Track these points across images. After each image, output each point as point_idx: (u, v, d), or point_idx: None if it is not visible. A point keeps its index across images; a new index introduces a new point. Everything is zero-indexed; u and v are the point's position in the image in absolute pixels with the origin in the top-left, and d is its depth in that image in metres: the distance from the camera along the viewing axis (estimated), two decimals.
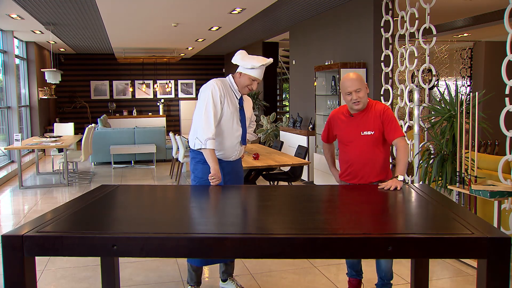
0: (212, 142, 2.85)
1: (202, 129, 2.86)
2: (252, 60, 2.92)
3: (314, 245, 1.81)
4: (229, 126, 2.97)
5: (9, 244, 1.78)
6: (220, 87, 2.92)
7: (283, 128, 8.11)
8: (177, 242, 1.84)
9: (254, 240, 1.81)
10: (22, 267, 1.78)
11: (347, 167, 2.96)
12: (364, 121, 2.87)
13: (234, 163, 3.10)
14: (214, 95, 2.88)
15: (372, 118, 2.86)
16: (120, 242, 1.82)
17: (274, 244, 1.81)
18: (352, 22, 6.15)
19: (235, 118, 2.99)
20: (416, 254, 1.89)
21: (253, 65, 2.89)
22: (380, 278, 2.96)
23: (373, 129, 2.84)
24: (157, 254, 1.91)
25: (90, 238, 1.82)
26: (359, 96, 2.80)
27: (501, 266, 1.73)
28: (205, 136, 2.84)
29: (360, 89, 2.80)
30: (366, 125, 2.86)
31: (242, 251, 1.86)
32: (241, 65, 2.94)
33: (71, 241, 1.82)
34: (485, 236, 1.74)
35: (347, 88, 2.82)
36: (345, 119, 2.96)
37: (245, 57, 2.95)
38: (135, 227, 2.00)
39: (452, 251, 1.80)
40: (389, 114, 2.86)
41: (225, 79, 3.05)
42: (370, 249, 1.82)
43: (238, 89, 3.01)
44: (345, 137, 2.95)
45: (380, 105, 2.91)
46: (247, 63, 2.91)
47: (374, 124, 2.85)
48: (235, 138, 3.02)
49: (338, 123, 3.00)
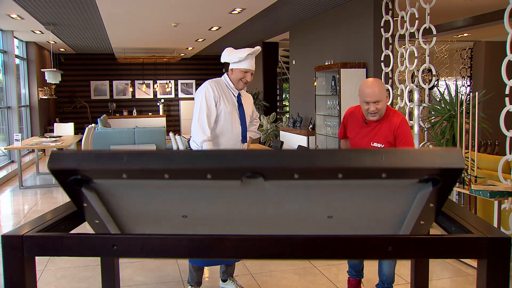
0: (209, 144, 2.87)
1: (197, 132, 2.89)
2: (238, 52, 2.94)
3: (314, 245, 1.81)
4: (228, 125, 2.98)
5: (9, 244, 1.78)
6: (214, 88, 2.94)
7: (283, 128, 8.11)
8: (177, 242, 1.84)
9: (254, 240, 1.82)
10: (22, 267, 1.78)
11: None
12: (377, 131, 2.72)
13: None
14: (208, 97, 2.90)
15: (385, 130, 2.70)
16: (120, 242, 1.82)
17: (274, 244, 1.81)
18: (352, 22, 6.15)
19: (233, 117, 2.99)
20: (416, 254, 1.89)
21: (240, 57, 2.91)
22: (381, 281, 2.96)
23: (383, 142, 2.70)
24: (157, 254, 1.91)
25: (90, 238, 1.83)
26: (377, 107, 2.63)
27: (501, 266, 1.73)
28: (200, 139, 2.86)
29: (379, 101, 2.61)
30: (378, 137, 2.72)
31: (242, 251, 1.86)
32: (229, 61, 2.97)
33: (71, 241, 1.82)
34: (485, 236, 1.74)
35: (366, 98, 2.63)
36: (358, 123, 2.83)
37: (231, 52, 2.97)
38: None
39: (452, 251, 1.80)
40: (404, 130, 2.68)
41: (220, 79, 3.06)
42: (370, 249, 1.82)
43: (234, 86, 3.02)
44: (355, 143, 2.86)
45: (398, 118, 2.71)
46: (233, 57, 2.93)
47: (386, 137, 2.70)
48: (235, 136, 3.03)
49: (353, 124, 2.88)
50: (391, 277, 2.90)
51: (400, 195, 1.45)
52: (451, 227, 1.98)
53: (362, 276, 3.12)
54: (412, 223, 1.63)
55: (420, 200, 1.48)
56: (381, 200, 1.49)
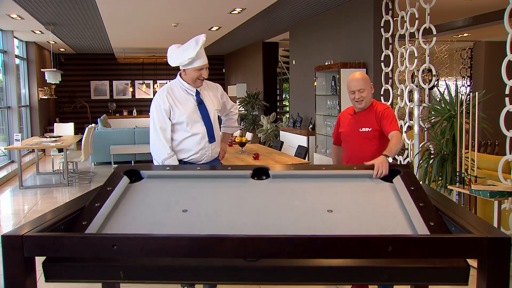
0: (171, 160, 2.77)
1: (157, 150, 2.79)
2: (185, 51, 2.75)
3: (314, 245, 1.81)
4: (189, 129, 2.84)
5: (9, 244, 1.78)
6: (164, 98, 2.80)
7: (283, 128, 8.11)
8: (177, 242, 1.84)
9: (254, 240, 1.81)
10: (22, 267, 1.78)
11: (347, 162, 3.04)
12: (365, 119, 2.97)
13: (209, 164, 2.94)
14: (158, 111, 2.79)
15: (372, 116, 2.95)
16: (120, 242, 1.82)
17: (274, 244, 1.81)
18: (352, 22, 6.15)
19: (194, 119, 2.84)
20: (416, 254, 1.89)
21: (190, 57, 2.74)
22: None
23: (370, 126, 2.93)
24: (157, 254, 1.91)
25: (90, 238, 1.83)
26: (362, 95, 2.91)
27: (501, 266, 1.73)
28: (161, 157, 2.77)
29: (363, 90, 2.90)
30: (365, 123, 2.96)
31: (242, 251, 1.86)
32: (178, 64, 2.80)
33: (71, 241, 1.82)
34: (485, 236, 1.74)
35: (351, 87, 2.92)
36: (349, 117, 3.07)
37: (178, 54, 2.79)
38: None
39: (452, 251, 1.80)
40: (388, 112, 2.93)
41: (173, 82, 2.91)
42: (370, 249, 1.82)
43: (189, 86, 2.86)
44: (346, 133, 3.05)
45: (382, 106, 3.00)
46: (183, 59, 2.75)
47: (373, 122, 2.94)
48: (200, 138, 2.87)
49: (344, 120, 3.11)
50: None
51: None
52: (451, 227, 1.98)
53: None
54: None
55: None
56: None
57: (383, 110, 2.94)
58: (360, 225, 2.17)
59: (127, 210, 2.28)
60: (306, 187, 2.44)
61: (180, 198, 2.36)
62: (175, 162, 2.79)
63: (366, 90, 2.91)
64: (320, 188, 2.43)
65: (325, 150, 6.61)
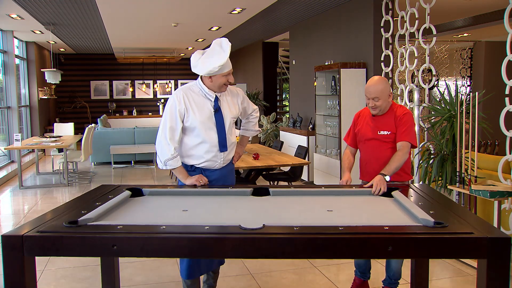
0: (174, 161, 2.70)
1: (161, 149, 2.72)
2: (211, 59, 2.68)
3: (314, 245, 1.81)
4: (201, 136, 2.76)
5: (9, 244, 1.78)
6: (181, 99, 2.72)
7: (283, 128, 8.11)
8: (177, 242, 1.84)
9: (254, 240, 1.81)
10: (22, 267, 1.78)
11: (365, 165, 3.01)
12: (383, 122, 2.94)
13: (219, 171, 2.87)
14: (172, 111, 2.71)
15: (391, 119, 2.92)
16: (120, 242, 1.82)
17: (274, 244, 1.81)
18: (352, 22, 6.15)
19: (207, 126, 2.76)
20: (416, 254, 1.89)
21: (220, 64, 2.66)
22: (388, 276, 2.99)
23: (389, 129, 2.91)
24: (157, 254, 1.91)
25: (90, 238, 1.83)
26: (376, 104, 2.88)
27: (501, 266, 1.73)
28: (164, 157, 2.71)
29: (378, 99, 2.86)
30: (384, 126, 2.93)
31: (242, 251, 1.86)
32: (207, 72, 2.69)
33: (71, 241, 1.82)
34: (485, 236, 1.74)
35: (367, 93, 2.91)
36: (367, 117, 3.04)
37: (204, 61, 2.70)
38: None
39: (452, 251, 1.80)
40: (406, 118, 2.90)
41: (193, 85, 2.82)
42: (370, 249, 1.82)
43: (209, 91, 2.78)
44: (363, 135, 3.00)
45: (402, 110, 2.94)
46: (212, 67, 2.66)
47: (392, 125, 2.92)
48: (211, 146, 2.78)
49: (362, 119, 3.08)
50: (398, 273, 2.98)
51: None
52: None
53: (367, 278, 3.11)
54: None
55: None
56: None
57: (401, 115, 2.91)
58: (361, 217, 2.20)
59: (127, 209, 2.29)
60: (306, 200, 2.52)
61: (180, 204, 2.41)
62: (178, 164, 2.73)
63: (381, 99, 2.86)
64: (321, 199, 2.52)
65: (325, 150, 6.61)
